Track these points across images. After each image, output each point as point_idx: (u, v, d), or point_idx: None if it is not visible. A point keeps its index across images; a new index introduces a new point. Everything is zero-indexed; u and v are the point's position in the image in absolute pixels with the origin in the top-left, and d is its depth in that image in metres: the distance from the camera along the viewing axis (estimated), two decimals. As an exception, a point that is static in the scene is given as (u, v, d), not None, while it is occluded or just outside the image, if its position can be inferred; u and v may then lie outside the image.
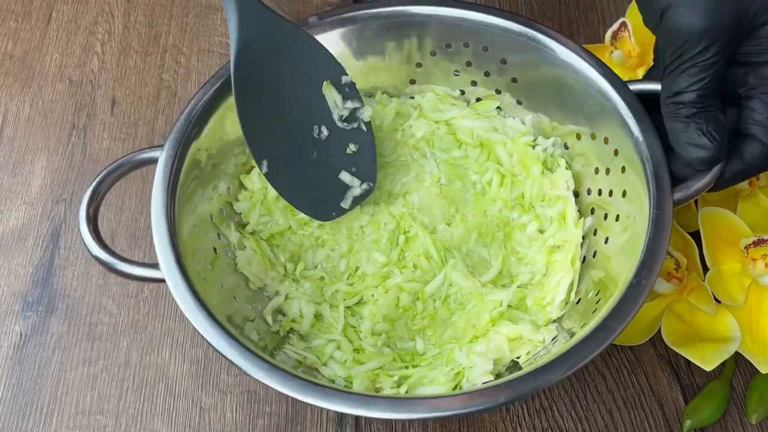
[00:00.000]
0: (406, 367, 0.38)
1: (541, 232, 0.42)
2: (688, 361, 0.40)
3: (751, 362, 0.39)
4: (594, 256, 0.39)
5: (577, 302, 0.38)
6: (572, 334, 0.35)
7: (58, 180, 0.50)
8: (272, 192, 0.42)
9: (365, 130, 0.42)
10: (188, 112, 0.39)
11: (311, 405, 0.30)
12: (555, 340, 0.37)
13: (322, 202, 0.41)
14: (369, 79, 0.45)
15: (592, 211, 0.41)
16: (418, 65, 0.45)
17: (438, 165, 0.44)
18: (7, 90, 0.54)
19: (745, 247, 0.40)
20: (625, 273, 0.33)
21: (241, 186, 0.43)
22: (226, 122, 0.40)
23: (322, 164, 0.41)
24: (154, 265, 0.34)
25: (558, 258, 0.40)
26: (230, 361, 0.31)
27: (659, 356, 0.42)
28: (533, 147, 0.44)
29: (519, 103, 0.44)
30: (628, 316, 0.31)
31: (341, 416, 0.41)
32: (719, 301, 0.41)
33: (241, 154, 0.43)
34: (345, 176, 0.41)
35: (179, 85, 0.54)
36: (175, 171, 0.37)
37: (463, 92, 0.46)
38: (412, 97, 0.47)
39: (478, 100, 0.46)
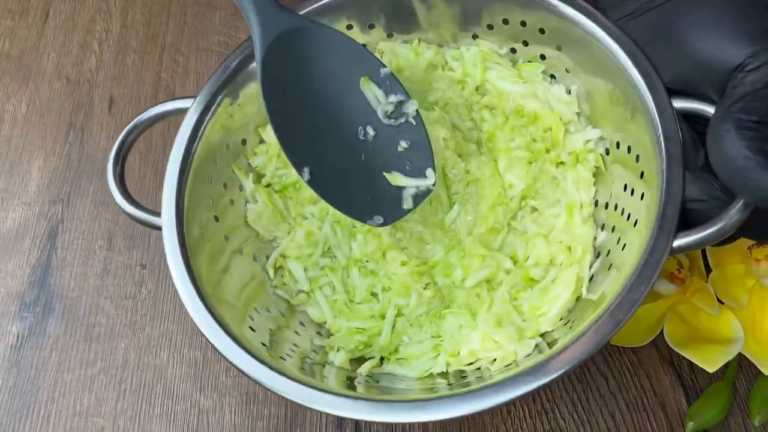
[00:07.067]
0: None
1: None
2: (691, 363, 0.40)
3: (755, 364, 0.39)
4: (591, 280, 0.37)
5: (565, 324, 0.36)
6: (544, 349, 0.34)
7: (56, 180, 0.50)
8: None
9: (415, 123, 0.39)
10: (223, 67, 0.39)
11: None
12: (528, 356, 0.35)
13: (378, 205, 0.38)
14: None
15: (603, 227, 0.38)
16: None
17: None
18: (3, 89, 0.54)
19: (749, 248, 0.40)
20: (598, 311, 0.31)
21: (259, 139, 0.42)
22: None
23: (373, 166, 0.38)
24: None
25: (564, 273, 0.38)
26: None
27: (662, 358, 0.41)
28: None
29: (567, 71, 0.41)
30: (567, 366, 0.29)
31: (341, 419, 0.41)
32: (722, 303, 0.40)
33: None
34: (398, 178, 0.38)
35: (177, 84, 0.54)
36: (205, 121, 0.38)
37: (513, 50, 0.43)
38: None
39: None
